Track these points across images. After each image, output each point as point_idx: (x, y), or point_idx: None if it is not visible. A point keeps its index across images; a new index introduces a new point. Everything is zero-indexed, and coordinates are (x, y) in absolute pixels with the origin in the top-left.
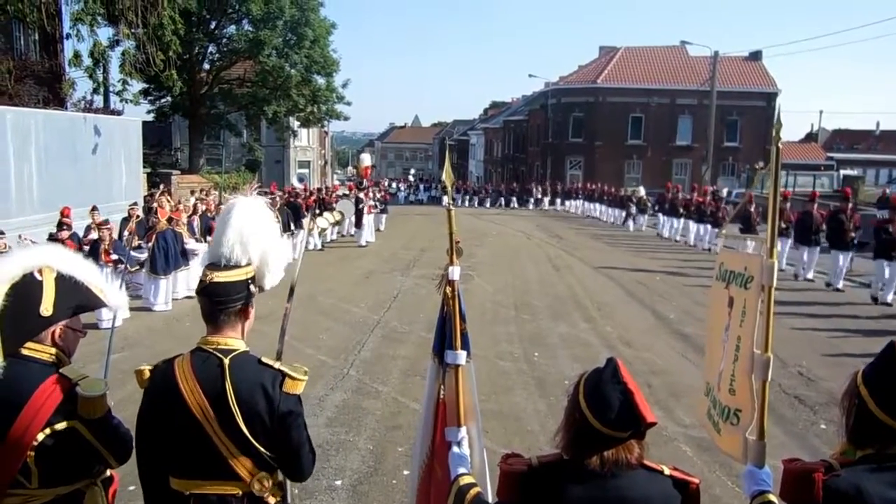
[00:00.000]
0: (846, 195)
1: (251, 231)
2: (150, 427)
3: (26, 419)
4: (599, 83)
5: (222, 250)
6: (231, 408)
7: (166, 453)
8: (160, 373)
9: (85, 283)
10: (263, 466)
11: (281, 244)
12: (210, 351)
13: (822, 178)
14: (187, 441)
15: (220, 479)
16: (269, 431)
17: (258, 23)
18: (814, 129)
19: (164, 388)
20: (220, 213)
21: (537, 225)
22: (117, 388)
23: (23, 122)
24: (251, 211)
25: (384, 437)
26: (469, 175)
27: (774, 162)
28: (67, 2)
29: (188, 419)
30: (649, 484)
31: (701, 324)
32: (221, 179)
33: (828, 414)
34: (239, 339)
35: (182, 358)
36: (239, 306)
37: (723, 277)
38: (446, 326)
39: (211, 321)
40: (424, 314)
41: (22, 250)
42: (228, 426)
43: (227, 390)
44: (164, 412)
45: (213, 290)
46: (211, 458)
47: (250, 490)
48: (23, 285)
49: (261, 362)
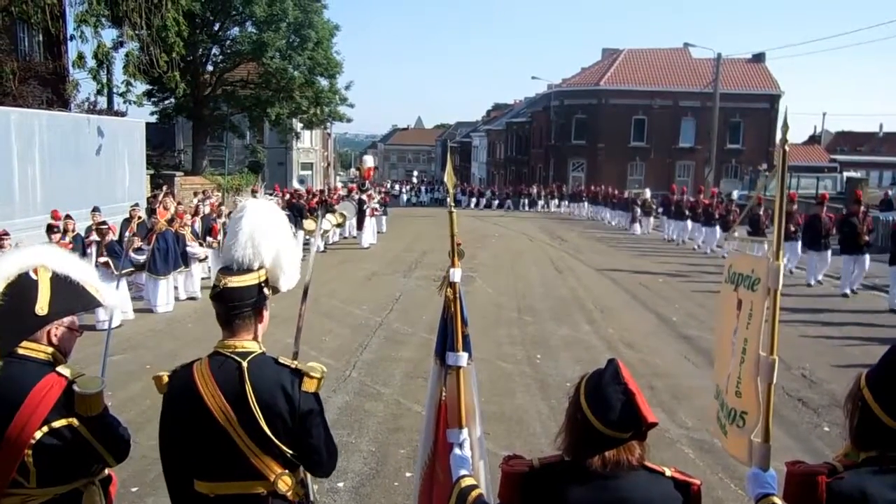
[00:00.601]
0: (857, 198)
1: (262, 234)
2: (172, 432)
3: (23, 417)
4: (602, 85)
5: (234, 254)
6: (252, 409)
7: (190, 457)
8: (179, 378)
9: (80, 283)
10: (286, 465)
11: (294, 246)
12: (227, 354)
13: (826, 180)
14: (210, 444)
15: (244, 479)
16: (291, 430)
17: (262, 25)
18: (817, 131)
19: (185, 394)
20: (218, 214)
21: (540, 227)
22: (120, 388)
23: (27, 124)
24: (262, 214)
25: (386, 440)
26: (472, 177)
27: (781, 164)
28: (72, 3)
29: (210, 422)
30: (651, 485)
31: (703, 326)
32: (224, 181)
33: (831, 416)
34: (254, 341)
35: (200, 362)
36: (253, 310)
37: (732, 280)
38: (448, 328)
39: (226, 325)
40: (426, 316)
41: (18, 250)
42: (250, 427)
43: (247, 392)
44: (186, 417)
45: (227, 295)
46: (234, 459)
47: (274, 489)
48: (18, 284)
49: (278, 362)
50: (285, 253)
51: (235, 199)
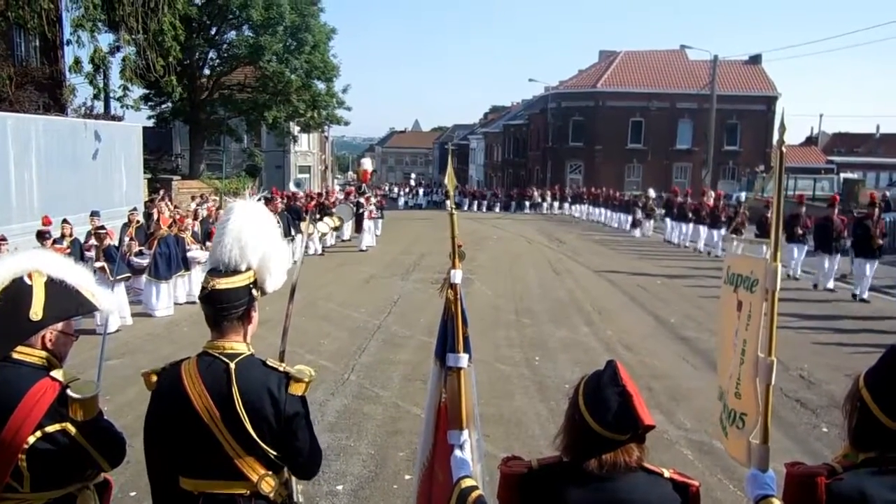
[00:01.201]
0: (872, 200)
1: (250, 235)
2: (157, 429)
3: (17, 422)
4: (599, 87)
5: (222, 256)
6: (238, 411)
7: (175, 454)
8: (167, 376)
9: (76, 287)
10: (270, 466)
11: (281, 247)
12: (215, 355)
13: (823, 181)
14: (195, 442)
15: (227, 478)
16: (276, 433)
17: (258, 28)
18: (814, 133)
19: (172, 392)
20: (217, 217)
21: (538, 229)
22: (118, 392)
23: (23, 129)
24: (249, 215)
25: (385, 442)
26: (469, 179)
27: (778, 165)
28: (68, 8)
29: (195, 421)
30: (649, 486)
31: (701, 328)
32: (222, 185)
33: (829, 417)
34: (243, 342)
35: (188, 362)
36: (242, 311)
37: (731, 281)
38: (448, 330)
39: (215, 326)
40: (425, 319)
41: (12, 255)
42: (235, 428)
43: (233, 394)
44: (172, 415)
45: (216, 297)
46: (218, 458)
47: (257, 489)
48: (12, 289)
49: (266, 365)
50: (272, 254)
51: None
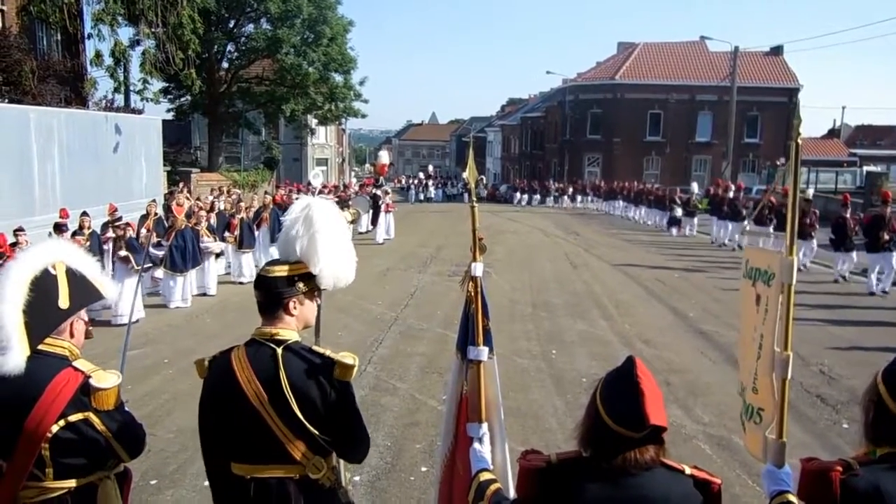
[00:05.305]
0: (885, 198)
1: (306, 230)
2: (210, 415)
3: (41, 411)
4: (618, 79)
5: (279, 247)
6: (285, 394)
7: (227, 439)
8: (218, 363)
9: (88, 277)
10: (318, 450)
11: (340, 245)
12: (262, 341)
13: (845, 174)
14: (246, 427)
15: (277, 462)
16: (323, 417)
17: (276, 21)
18: (836, 125)
19: (222, 378)
20: (237, 210)
21: (555, 222)
22: (139, 382)
23: (46, 122)
24: (311, 211)
25: (402, 434)
26: (486, 172)
27: (794, 158)
28: (89, 2)
29: (246, 406)
30: (669, 483)
31: (720, 322)
32: (240, 177)
33: (850, 413)
34: (290, 329)
35: (238, 349)
36: (282, 299)
37: (749, 275)
38: (469, 322)
39: (263, 312)
40: (442, 311)
41: (35, 246)
42: (284, 412)
43: (280, 378)
44: (224, 401)
45: (261, 283)
46: (268, 442)
47: (306, 473)
48: (42, 280)
49: (312, 351)
50: (327, 251)
51: (253, 196)
